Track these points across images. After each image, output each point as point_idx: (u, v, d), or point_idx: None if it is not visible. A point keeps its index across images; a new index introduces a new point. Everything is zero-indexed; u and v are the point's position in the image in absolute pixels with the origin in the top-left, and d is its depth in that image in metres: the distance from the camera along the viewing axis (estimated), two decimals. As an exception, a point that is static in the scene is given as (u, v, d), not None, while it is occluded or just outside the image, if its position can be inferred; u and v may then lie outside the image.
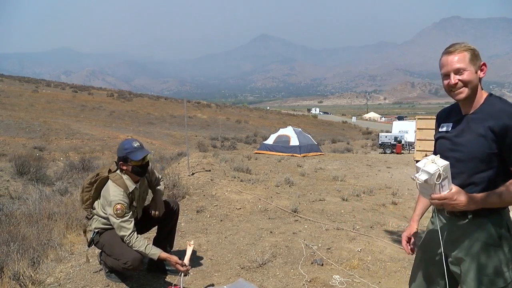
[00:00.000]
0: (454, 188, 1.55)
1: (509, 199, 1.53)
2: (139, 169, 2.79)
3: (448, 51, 1.64)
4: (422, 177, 1.55)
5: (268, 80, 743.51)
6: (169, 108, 45.18)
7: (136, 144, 2.76)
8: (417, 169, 1.60)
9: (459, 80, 1.61)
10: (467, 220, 1.62)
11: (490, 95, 1.65)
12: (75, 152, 16.23)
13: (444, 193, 1.54)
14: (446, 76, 1.65)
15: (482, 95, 1.64)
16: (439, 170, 1.51)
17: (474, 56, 1.61)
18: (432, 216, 1.86)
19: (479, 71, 1.62)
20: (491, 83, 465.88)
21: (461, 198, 1.53)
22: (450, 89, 1.65)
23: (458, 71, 1.60)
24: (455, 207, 1.55)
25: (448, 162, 1.55)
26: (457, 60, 1.60)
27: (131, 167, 2.76)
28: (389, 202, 6.57)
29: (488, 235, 1.59)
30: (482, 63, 1.62)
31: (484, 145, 1.55)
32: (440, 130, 1.79)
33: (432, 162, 1.56)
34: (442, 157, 1.60)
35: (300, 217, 4.89)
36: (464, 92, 1.62)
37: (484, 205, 1.54)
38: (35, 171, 9.94)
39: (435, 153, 1.76)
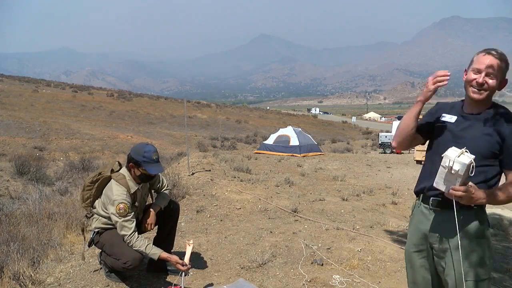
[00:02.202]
0: (470, 182, 1.60)
1: (507, 198, 1.64)
2: (145, 178, 2.85)
3: (489, 52, 1.70)
4: (456, 167, 1.56)
5: (268, 80, 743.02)
6: (169, 108, 45.17)
7: (155, 157, 2.78)
8: (447, 159, 1.60)
9: (486, 82, 1.69)
10: (454, 213, 1.67)
11: (494, 102, 1.78)
12: (75, 152, 16.24)
13: (466, 186, 1.58)
14: (477, 71, 1.70)
15: (490, 101, 1.76)
16: (473, 162, 1.55)
17: (506, 68, 1.70)
18: (412, 212, 1.94)
19: (501, 83, 1.73)
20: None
21: (477, 192, 1.59)
22: (472, 86, 1.72)
23: (489, 74, 1.68)
24: (470, 200, 1.59)
25: (474, 156, 1.60)
26: (495, 65, 1.67)
27: (140, 173, 2.79)
28: (389, 202, 6.58)
29: (475, 228, 1.69)
30: (506, 78, 1.73)
31: (489, 143, 1.66)
32: (441, 119, 1.84)
33: (463, 154, 1.58)
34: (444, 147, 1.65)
35: (300, 217, 4.89)
36: (483, 95, 1.70)
37: (489, 201, 1.63)
38: (35, 171, 9.94)
39: (422, 133, 1.87)
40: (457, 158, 1.58)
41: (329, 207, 5.61)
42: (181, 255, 2.83)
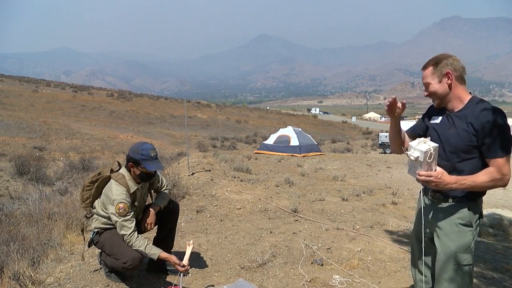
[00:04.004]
0: (438, 169, 1.81)
1: (480, 184, 1.79)
2: (145, 176, 2.84)
3: (423, 67, 1.99)
4: (415, 154, 1.77)
5: (268, 80, 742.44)
6: (169, 108, 45.16)
7: (153, 154, 2.77)
8: (410, 148, 1.83)
9: (428, 93, 1.97)
10: (448, 203, 1.90)
11: (473, 97, 1.90)
12: (75, 152, 16.24)
13: (431, 171, 1.78)
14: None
15: (464, 96, 1.90)
16: (431, 150, 1.75)
17: (436, 68, 1.91)
18: (418, 199, 2.16)
19: (444, 79, 1.90)
20: (491, 83, 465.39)
21: (445, 177, 1.79)
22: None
23: (426, 85, 1.97)
24: (438, 185, 1.80)
25: (437, 144, 1.82)
26: (424, 76, 1.97)
27: (139, 172, 2.79)
28: (389, 202, 6.58)
29: (463, 216, 1.87)
30: (446, 71, 1.89)
31: (466, 139, 1.82)
32: (431, 121, 2.06)
33: (424, 143, 1.78)
34: None
35: (300, 217, 4.89)
36: (435, 101, 1.98)
37: (461, 186, 1.80)
38: (35, 171, 9.93)
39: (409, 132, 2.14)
40: (417, 146, 1.78)
41: (329, 207, 5.61)
42: (181, 255, 2.83)
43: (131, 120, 33.46)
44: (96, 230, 2.88)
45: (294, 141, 14.59)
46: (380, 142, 23.62)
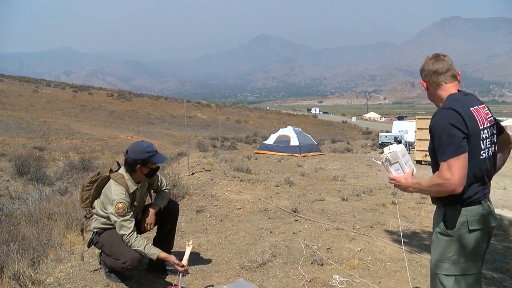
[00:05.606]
0: (408, 172, 1.84)
1: (425, 188, 1.72)
2: (152, 172, 2.87)
3: None
4: (379, 161, 1.93)
5: (268, 80, 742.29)
6: (169, 108, 45.14)
7: (155, 148, 2.85)
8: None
9: None
10: (436, 207, 1.86)
11: (449, 95, 1.80)
12: (75, 152, 16.23)
13: (397, 175, 1.85)
14: None
15: (444, 97, 1.83)
16: (386, 155, 1.86)
17: (420, 74, 1.94)
18: None
19: (425, 86, 1.94)
20: (491, 83, 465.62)
21: (403, 181, 1.81)
22: None
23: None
24: (400, 189, 1.85)
25: (396, 149, 1.87)
26: None
27: (148, 170, 2.81)
28: (389, 202, 6.57)
29: (440, 224, 1.77)
30: (421, 82, 1.94)
31: (430, 143, 1.79)
32: None
33: (389, 149, 1.88)
34: None
35: (300, 217, 4.89)
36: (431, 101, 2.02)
37: (414, 190, 1.79)
38: (35, 171, 9.93)
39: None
40: (381, 154, 1.90)
41: (329, 207, 5.61)
42: (181, 255, 2.83)
43: (131, 120, 33.45)
44: (96, 230, 2.88)
45: (294, 141, 14.59)
46: (380, 142, 23.62)
